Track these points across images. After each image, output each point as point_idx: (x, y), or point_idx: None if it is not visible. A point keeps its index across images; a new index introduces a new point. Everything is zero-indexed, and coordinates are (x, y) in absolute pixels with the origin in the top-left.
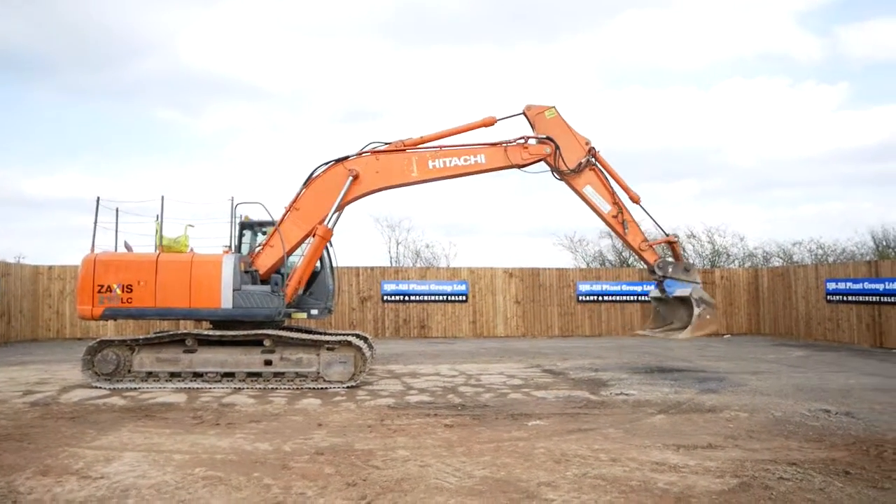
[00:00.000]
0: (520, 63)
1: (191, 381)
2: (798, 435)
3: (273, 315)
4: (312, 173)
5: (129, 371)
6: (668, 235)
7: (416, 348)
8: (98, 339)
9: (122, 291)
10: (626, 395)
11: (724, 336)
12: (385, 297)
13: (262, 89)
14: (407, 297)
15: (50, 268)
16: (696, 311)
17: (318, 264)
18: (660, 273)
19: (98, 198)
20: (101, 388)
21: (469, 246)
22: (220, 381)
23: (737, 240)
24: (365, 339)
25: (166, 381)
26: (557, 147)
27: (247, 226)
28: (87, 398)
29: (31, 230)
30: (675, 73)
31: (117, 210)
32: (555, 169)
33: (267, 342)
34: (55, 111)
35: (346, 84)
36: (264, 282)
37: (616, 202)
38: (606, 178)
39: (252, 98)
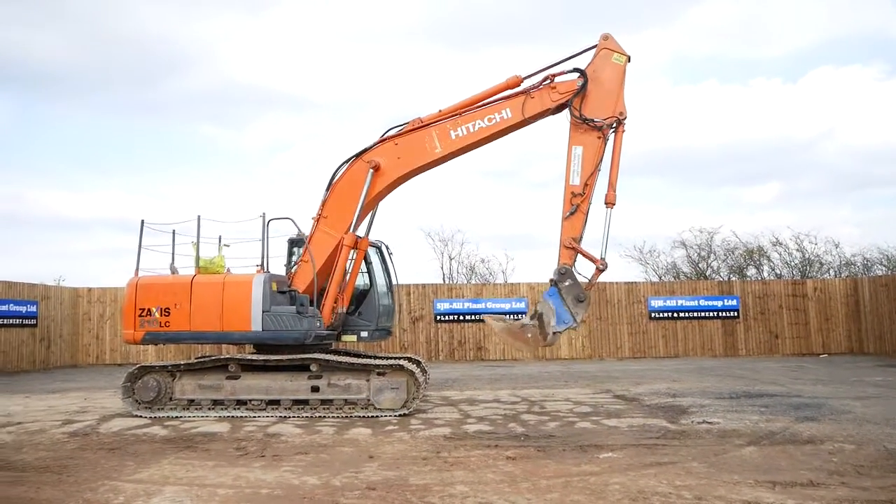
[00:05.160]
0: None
1: (234, 409)
2: None
3: (301, 338)
4: (334, 175)
5: (171, 399)
6: (600, 260)
7: (473, 372)
8: (138, 365)
9: (161, 315)
10: (710, 423)
11: (821, 356)
12: (438, 318)
13: (307, 100)
14: (462, 317)
15: (90, 290)
16: (524, 320)
17: (366, 280)
18: (555, 278)
19: (143, 221)
20: (141, 416)
21: (528, 260)
22: (264, 409)
23: (831, 246)
24: (418, 363)
25: (209, 409)
26: (586, 82)
27: (296, 242)
28: (128, 428)
29: (69, 251)
30: (756, 64)
31: (174, 232)
32: (570, 104)
33: (314, 367)
34: (91, 129)
35: (396, 91)
36: None
37: (588, 185)
38: (602, 160)
39: (298, 110)
